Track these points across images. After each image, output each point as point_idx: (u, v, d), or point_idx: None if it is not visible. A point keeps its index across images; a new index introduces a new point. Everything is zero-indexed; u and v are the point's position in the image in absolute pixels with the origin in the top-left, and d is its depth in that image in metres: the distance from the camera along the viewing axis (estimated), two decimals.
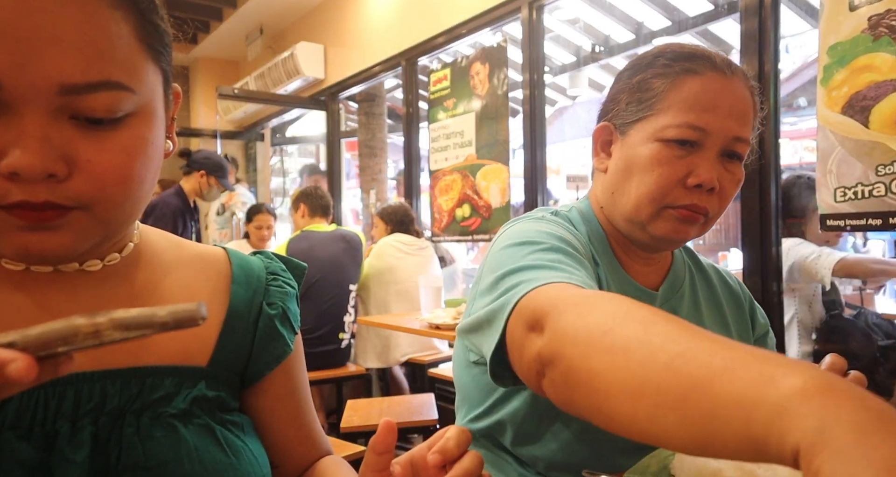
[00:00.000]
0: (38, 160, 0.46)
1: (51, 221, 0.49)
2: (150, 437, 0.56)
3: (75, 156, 0.48)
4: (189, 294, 0.64)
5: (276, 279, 0.71)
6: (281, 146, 7.44)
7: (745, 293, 1.04)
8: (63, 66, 0.46)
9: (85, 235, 0.52)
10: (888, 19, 1.60)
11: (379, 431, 0.50)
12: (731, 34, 4.99)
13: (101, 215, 0.51)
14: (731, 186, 0.84)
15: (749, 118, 0.83)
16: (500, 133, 3.25)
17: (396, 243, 3.42)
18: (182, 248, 0.68)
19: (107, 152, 0.49)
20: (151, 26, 0.52)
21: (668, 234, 0.83)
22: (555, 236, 0.75)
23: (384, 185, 5.22)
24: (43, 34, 0.45)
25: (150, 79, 0.52)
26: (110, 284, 0.60)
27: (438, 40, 3.77)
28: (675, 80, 0.81)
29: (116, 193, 0.51)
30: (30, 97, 0.46)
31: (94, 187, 0.49)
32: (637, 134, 0.84)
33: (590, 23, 5.12)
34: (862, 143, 1.67)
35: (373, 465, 0.50)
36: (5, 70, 0.44)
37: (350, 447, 2.14)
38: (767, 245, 2.08)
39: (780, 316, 2.13)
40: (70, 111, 0.48)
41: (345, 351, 3.21)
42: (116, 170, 0.50)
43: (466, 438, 0.51)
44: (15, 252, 0.50)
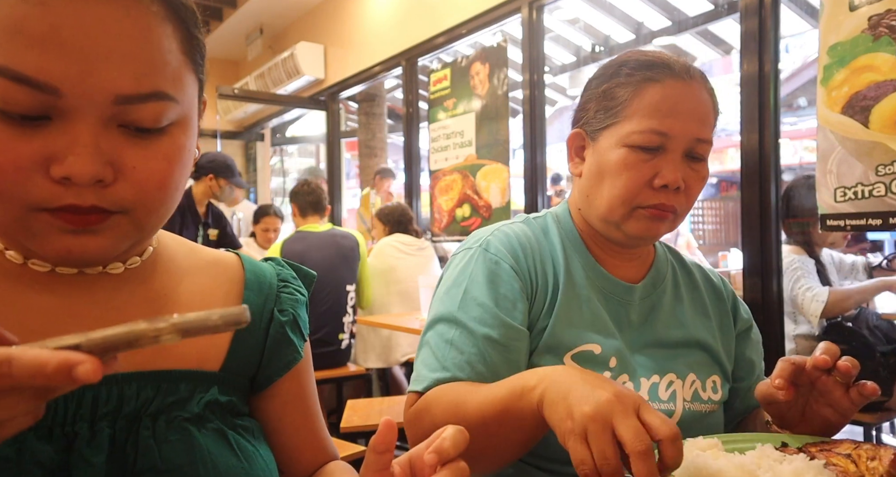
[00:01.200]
0: (90, 166, 0.48)
1: (94, 225, 0.51)
2: (166, 440, 0.57)
3: (121, 162, 0.50)
4: (203, 299, 0.65)
5: (287, 286, 0.72)
6: (281, 146, 7.45)
7: (727, 289, 1.07)
8: (119, 78, 0.48)
9: (123, 238, 0.54)
10: (888, 19, 1.60)
11: (379, 430, 0.51)
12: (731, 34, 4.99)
13: (140, 220, 0.53)
14: (696, 184, 0.89)
15: (709, 119, 0.89)
16: (500, 133, 3.25)
17: (396, 243, 3.42)
18: (196, 253, 0.70)
19: (150, 160, 0.52)
20: (194, 39, 0.55)
21: (640, 232, 0.89)
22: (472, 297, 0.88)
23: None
24: (102, 48, 0.47)
25: (190, 89, 0.55)
26: (129, 287, 0.61)
27: (438, 40, 3.77)
28: (638, 88, 0.87)
29: (155, 199, 0.53)
30: (86, 106, 0.48)
31: (136, 193, 0.51)
32: (606, 140, 0.89)
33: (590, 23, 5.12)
34: (862, 143, 1.66)
35: (373, 464, 0.51)
36: (66, 80, 0.47)
37: (350, 447, 2.14)
38: (767, 245, 2.08)
39: (780, 316, 2.13)
40: (120, 120, 0.50)
41: (345, 351, 3.21)
42: (157, 176, 0.52)
43: (464, 437, 0.51)
44: (57, 254, 0.51)
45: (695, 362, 0.94)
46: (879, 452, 0.67)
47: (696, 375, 0.93)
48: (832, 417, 0.78)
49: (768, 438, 0.77)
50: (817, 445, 0.72)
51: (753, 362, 1.04)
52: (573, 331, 0.88)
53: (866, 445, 0.69)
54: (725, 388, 0.97)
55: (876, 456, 0.67)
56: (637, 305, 0.95)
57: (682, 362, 0.93)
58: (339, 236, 3.19)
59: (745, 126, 2.10)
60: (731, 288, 1.08)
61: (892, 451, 0.67)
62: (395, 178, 5.22)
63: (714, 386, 0.95)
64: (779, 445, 0.73)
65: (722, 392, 0.95)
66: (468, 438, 0.52)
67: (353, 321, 3.22)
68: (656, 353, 0.92)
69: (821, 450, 0.70)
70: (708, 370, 0.95)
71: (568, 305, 0.90)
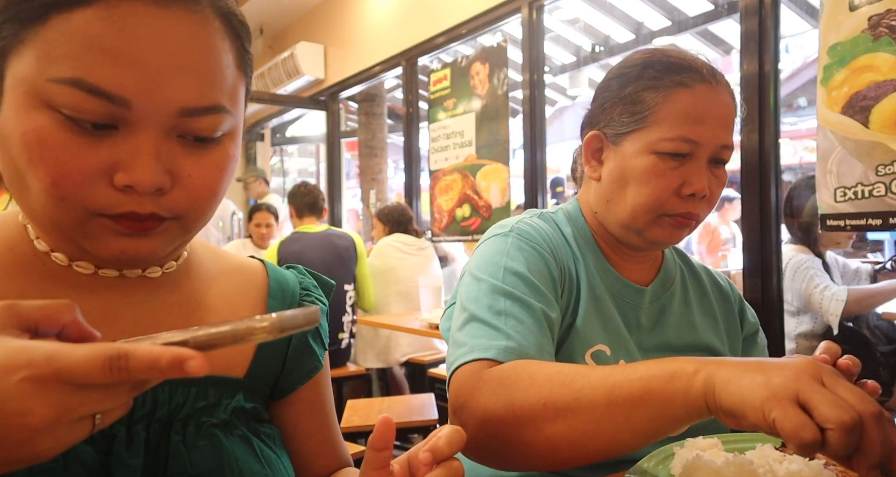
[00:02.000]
0: (152, 176, 0.50)
1: (150, 230, 0.53)
2: (195, 445, 0.58)
3: (178, 171, 0.52)
4: (230, 306, 0.66)
5: (309, 295, 0.73)
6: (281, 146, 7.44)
7: (734, 293, 1.06)
8: (184, 92, 0.50)
9: (171, 241, 0.56)
10: (888, 19, 1.60)
11: (377, 427, 0.51)
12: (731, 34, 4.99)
13: (188, 224, 0.56)
14: (717, 189, 0.88)
15: (733, 124, 0.88)
16: (500, 133, 3.25)
17: (396, 243, 3.42)
18: (222, 259, 0.71)
19: (205, 168, 0.54)
20: (247, 54, 0.58)
21: (663, 239, 0.88)
22: (514, 271, 0.82)
23: (384, 185, 5.22)
24: (171, 63, 0.50)
25: (241, 101, 0.57)
26: (164, 291, 0.62)
27: (438, 40, 3.77)
28: (668, 93, 0.84)
29: (206, 205, 0.55)
30: (151, 118, 0.50)
31: (190, 200, 0.54)
32: (631, 145, 0.87)
33: (590, 23, 5.11)
34: (862, 143, 1.66)
35: (372, 462, 0.51)
36: (137, 93, 0.49)
37: (350, 447, 2.14)
38: (767, 245, 2.08)
39: (780, 316, 2.13)
40: (179, 130, 0.52)
41: (345, 351, 3.21)
42: (210, 184, 0.54)
43: (459, 437, 0.51)
44: (111, 254, 0.53)
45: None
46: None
47: None
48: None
49: (768, 438, 0.77)
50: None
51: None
52: (592, 329, 0.88)
53: None
54: None
55: None
56: (647, 307, 0.94)
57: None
58: (336, 236, 3.18)
59: (745, 126, 2.10)
60: (738, 291, 1.07)
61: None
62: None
63: None
64: (779, 446, 0.73)
65: None
66: (464, 438, 0.52)
67: (352, 321, 3.22)
68: (664, 356, 0.92)
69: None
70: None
71: (588, 303, 0.89)
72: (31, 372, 0.35)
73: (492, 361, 0.73)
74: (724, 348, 0.98)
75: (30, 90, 0.48)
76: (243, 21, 0.57)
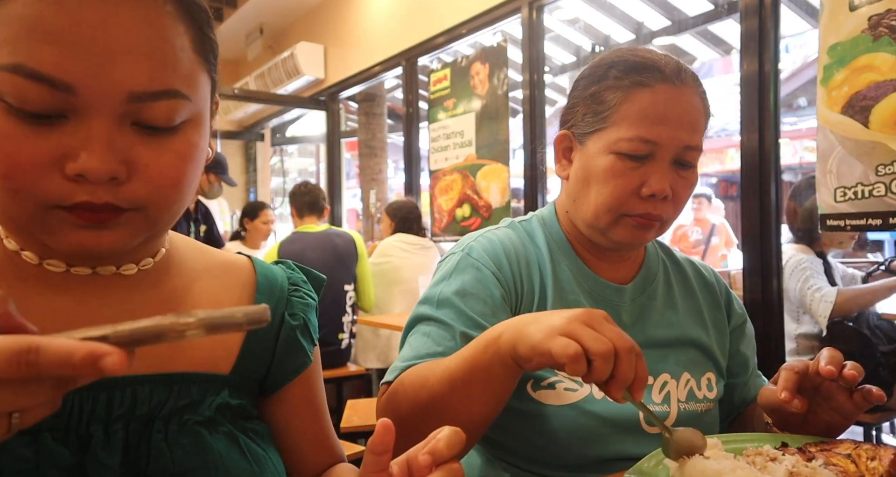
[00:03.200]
0: (104, 164, 0.48)
1: (108, 221, 0.51)
2: (178, 443, 0.57)
3: (135, 160, 0.51)
4: (215, 302, 0.65)
5: (298, 290, 0.73)
6: (281, 146, 7.44)
7: (720, 284, 1.06)
8: (133, 76, 0.49)
9: (136, 233, 0.54)
10: (888, 19, 1.60)
11: (377, 431, 0.50)
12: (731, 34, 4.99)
13: (153, 216, 0.54)
14: (684, 191, 0.88)
15: (699, 125, 0.87)
16: (500, 133, 3.25)
17: (399, 243, 3.40)
18: (208, 255, 0.70)
19: (164, 157, 0.52)
20: (206, 38, 0.55)
21: (626, 239, 0.88)
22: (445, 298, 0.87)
23: (384, 185, 5.22)
24: (118, 46, 0.48)
25: (203, 88, 0.55)
26: (142, 288, 0.61)
27: (438, 40, 3.77)
28: (627, 93, 0.85)
29: (169, 196, 0.53)
30: (100, 103, 0.48)
31: (150, 190, 0.52)
32: (594, 145, 0.88)
33: (590, 23, 5.11)
34: (862, 143, 1.66)
35: (371, 465, 0.50)
36: (81, 78, 0.47)
37: (350, 447, 2.14)
38: (767, 245, 2.08)
39: (780, 316, 2.13)
40: (133, 117, 0.50)
41: (345, 351, 3.21)
42: (171, 174, 0.53)
43: (459, 439, 0.51)
44: (71, 248, 0.52)
45: (689, 361, 0.94)
46: (879, 452, 0.67)
47: (690, 373, 0.93)
48: (835, 420, 0.78)
49: (768, 438, 0.77)
50: (817, 445, 0.72)
51: (748, 358, 1.03)
52: None
53: (866, 445, 0.70)
54: (720, 384, 0.97)
55: (876, 456, 0.67)
56: (628, 306, 0.94)
57: (675, 361, 0.93)
58: (336, 236, 3.18)
59: (745, 126, 2.10)
60: (724, 283, 1.07)
61: (892, 451, 0.67)
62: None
63: (709, 384, 0.94)
64: (779, 445, 0.73)
65: (717, 389, 0.95)
66: (464, 438, 0.51)
67: (352, 321, 3.22)
68: (649, 354, 0.91)
69: (821, 450, 0.70)
70: (702, 368, 0.95)
71: (557, 307, 0.89)
72: None
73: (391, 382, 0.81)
74: (711, 341, 0.97)
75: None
76: (200, 4, 0.55)
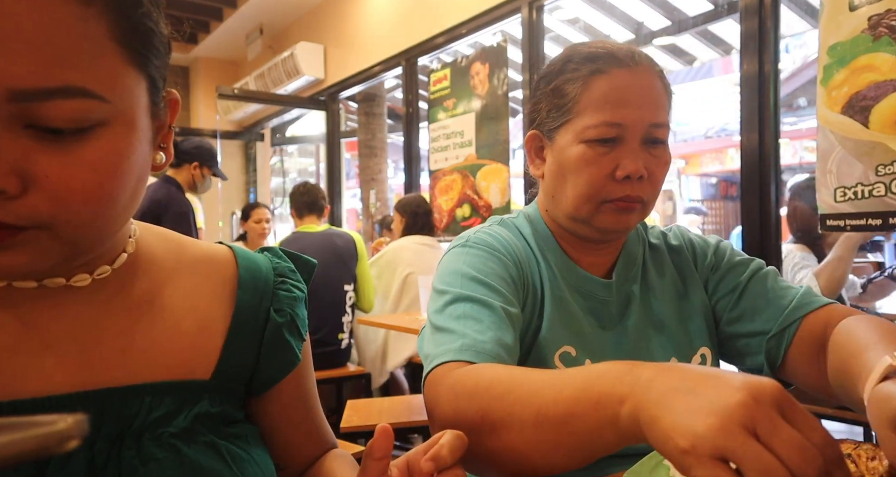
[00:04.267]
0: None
1: (2, 241, 0.43)
2: (153, 459, 0.53)
3: (31, 170, 0.42)
4: (191, 303, 0.60)
5: (285, 282, 0.67)
6: (281, 146, 7.44)
7: (688, 242, 1.01)
8: (13, 70, 0.40)
9: (45, 255, 0.46)
10: (888, 19, 1.60)
11: (375, 436, 0.49)
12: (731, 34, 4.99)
13: (66, 235, 0.45)
14: (659, 170, 0.88)
15: (662, 102, 0.87)
16: (500, 133, 3.25)
17: (413, 245, 3.32)
18: (184, 249, 0.64)
19: (70, 167, 0.43)
20: (132, 25, 0.46)
21: (611, 225, 0.88)
22: (470, 277, 0.83)
23: (384, 185, 5.22)
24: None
25: (128, 85, 0.46)
26: (102, 297, 0.55)
27: (438, 40, 3.77)
28: (585, 82, 0.86)
29: (82, 212, 0.45)
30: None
31: (54, 206, 0.43)
32: (562, 138, 0.89)
33: (590, 23, 5.12)
34: (862, 143, 1.66)
35: (370, 470, 0.49)
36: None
37: (350, 447, 2.14)
38: (767, 245, 2.08)
39: None
40: (25, 119, 0.42)
41: (345, 351, 3.21)
42: (82, 187, 0.44)
43: (461, 443, 0.50)
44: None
45: (676, 344, 0.92)
46: (879, 452, 0.67)
47: (676, 358, 0.91)
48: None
49: None
50: None
51: (769, 301, 0.90)
52: (557, 331, 0.88)
53: (866, 445, 0.69)
54: (717, 355, 0.95)
55: (876, 456, 0.67)
56: (615, 298, 0.93)
57: (660, 346, 0.91)
58: (336, 236, 3.17)
59: (745, 126, 2.10)
60: (690, 237, 1.02)
61: None
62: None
63: (703, 361, 0.93)
64: None
65: (711, 361, 0.93)
66: (466, 443, 0.50)
67: (352, 321, 3.21)
68: (636, 344, 0.91)
69: None
70: (691, 348, 0.93)
71: (551, 305, 0.89)
72: None
73: (450, 362, 0.72)
74: (695, 312, 0.95)
75: None
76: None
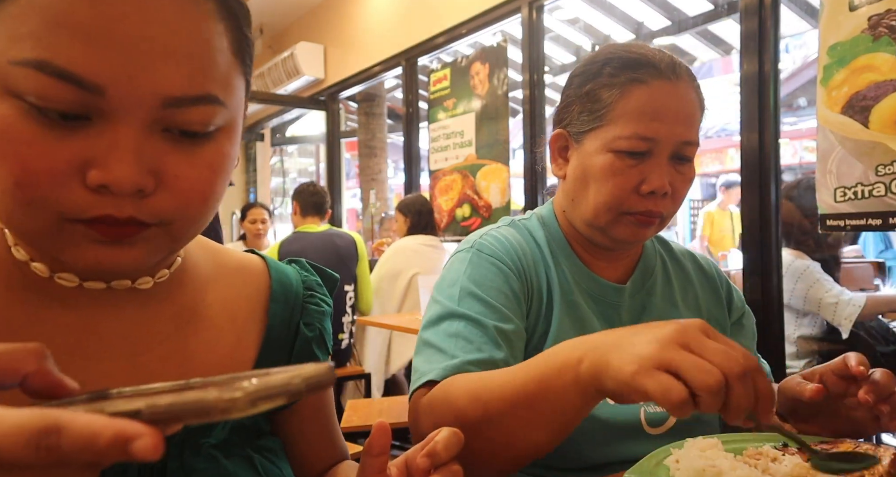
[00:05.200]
0: (131, 175, 0.44)
1: (129, 237, 0.46)
2: (194, 469, 0.54)
3: (164, 171, 0.46)
4: (228, 312, 0.62)
5: (314, 296, 0.69)
6: (281, 146, 7.44)
7: (721, 277, 1.05)
8: (170, 79, 0.44)
9: (157, 251, 0.49)
10: (888, 19, 1.60)
11: (373, 433, 0.50)
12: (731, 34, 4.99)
13: (177, 232, 0.49)
14: (682, 186, 0.88)
15: (695, 119, 0.87)
16: (499, 133, 3.25)
17: (415, 245, 3.33)
18: (220, 257, 0.65)
19: (195, 168, 0.47)
20: (245, 39, 0.51)
21: (626, 237, 0.88)
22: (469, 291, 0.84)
23: (384, 185, 5.22)
24: (154, 45, 0.43)
25: (238, 92, 0.51)
26: (155, 302, 0.57)
27: (438, 40, 3.77)
28: (623, 90, 0.84)
29: (197, 211, 0.49)
30: (131, 108, 0.44)
31: (178, 204, 0.47)
32: (591, 143, 0.87)
33: (590, 23, 5.11)
34: (862, 143, 1.66)
35: (369, 467, 0.50)
36: (114, 80, 0.43)
37: (350, 447, 2.13)
38: (767, 245, 2.08)
39: (780, 316, 2.12)
40: (165, 124, 0.46)
41: (345, 351, 3.21)
42: (201, 186, 0.48)
43: (457, 440, 0.50)
44: (87, 266, 0.47)
45: None
46: (879, 452, 0.67)
47: None
48: (844, 427, 0.77)
49: (768, 438, 0.77)
50: (817, 445, 0.72)
51: (748, 349, 1.02)
52: (567, 334, 0.87)
53: (866, 445, 0.69)
54: None
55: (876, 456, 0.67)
56: (627, 303, 0.94)
57: None
58: (336, 236, 3.18)
59: (745, 126, 2.10)
60: (724, 276, 1.05)
61: (892, 451, 0.67)
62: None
63: None
64: (779, 445, 0.73)
65: None
66: (462, 440, 0.51)
67: (352, 321, 3.21)
68: None
69: (821, 450, 0.70)
70: None
71: (562, 308, 0.89)
72: None
73: (435, 381, 0.75)
74: None
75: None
76: (241, 1, 0.50)
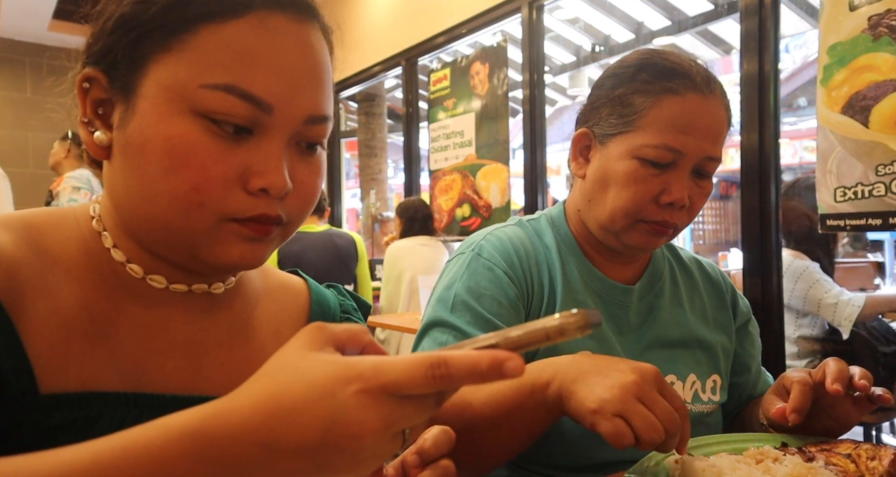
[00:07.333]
0: (284, 180, 0.53)
1: (270, 234, 0.54)
2: None
3: (294, 176, 0.55)
4: (273, 329, 0.65)
5: (349, 320, 0.72)
6: None
7: (727, 284, 1.06)
8: (315, 101, 0.55)
9: (273, 248, 0.57)
10: (888, 19, 1.60)
11: None
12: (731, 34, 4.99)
13: (288, 232, 0.58)
14: (699, 200, 0.88)
15: (722, 136, 0.87)
16: (500, 133, 3.25)
17: (409, 243, 3.34)
18: (267, 273, 0.70)
19: (311, 174, 0.57)
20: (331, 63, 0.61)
21: (638, 245, 0.88)
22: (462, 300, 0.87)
23: (384, 185, 5.23)
24: (309, 74, 0.54)
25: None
26: (217, 309, 0.61)
27: (438, 40, 3.77)
28: (656, 99, 0.84)
29: (308, 211, 0.58)
30: (286, 124, 0.53)
31: (301, 205, 0.56)
32: (616, 147, 0.87)
33: (590, 23, 5.12)
34: (862, 143, 1.66)
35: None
36: (281, 100, 0.52)
37: None
38: (767, 245, 2.08)
39: (780, 316, 2.12)
40: (299, 138, 0.55)
41: None
42: (315, 190, 0.57)
43: (447, 438, 0.50)
44: (232, 261, 0.54)
45: (695, 362, 0.94)
46: (879, 452, 0.67)
47: (696, 375, 0.93)
48: (833, 426, 0.79)
49: (768, 438, 0.77)
50: (817, 445, 0.72)
51: (752, 357, 1.03)
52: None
53: (866, 445, 0.70)
54: (724, 389, 0.97)
55: (876, 456, 0.67)
56: (635, 306, 0.94)
57: (682, 363, 0.93)
58: (336, 236, 3.18)
59: (745, 126, 2.10)
60: (730, 282, 1.07)
61: (892, 451, 0.67)
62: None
63: (714, 387, 0.95)
64: (779, 445, 0.73)
65: (720, 394, 0.95)
66: (453, 437, 0.51)
67: None
68: (656, 354, 0.92)
69: (821, 450, 0.70)
70: (708, 370, 0.95)
71: (566, 308, 0.89)
72: (362, 384, 0.35)
73: None
74: (715, 342, 0.98)
75: (176, 96, 0.50)
76: (332, 29, 0.62)
